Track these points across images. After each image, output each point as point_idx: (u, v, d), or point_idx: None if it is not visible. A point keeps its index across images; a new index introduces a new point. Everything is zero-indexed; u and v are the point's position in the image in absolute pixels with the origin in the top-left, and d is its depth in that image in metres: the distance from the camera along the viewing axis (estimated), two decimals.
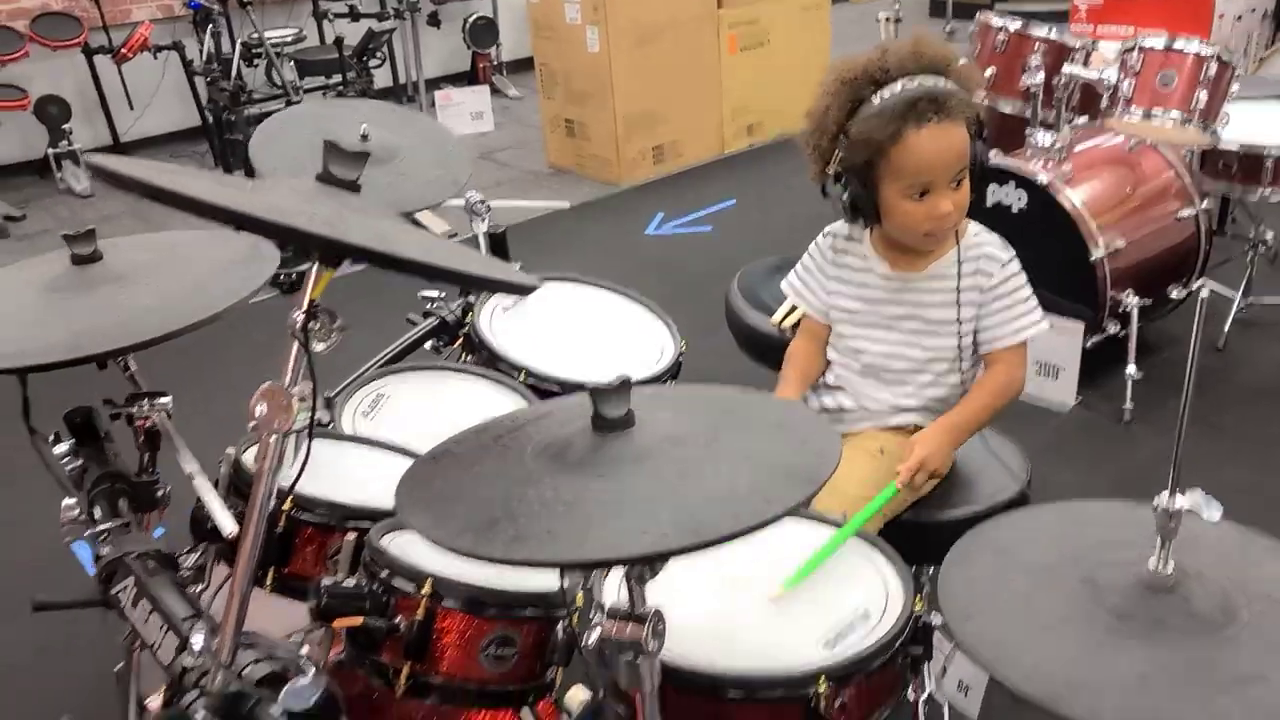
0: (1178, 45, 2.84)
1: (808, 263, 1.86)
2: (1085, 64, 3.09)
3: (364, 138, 2.01)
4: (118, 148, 5.82)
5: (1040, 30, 3.15)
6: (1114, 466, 2.82)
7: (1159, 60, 2.86)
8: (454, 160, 2.09)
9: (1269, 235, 3.38)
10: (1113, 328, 3.02)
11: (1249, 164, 3.11)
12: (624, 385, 0.96)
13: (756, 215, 4.68)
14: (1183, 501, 1.01)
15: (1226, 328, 3.30)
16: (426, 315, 2.33)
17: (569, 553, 0.81)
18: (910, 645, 1.33)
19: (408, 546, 1.24)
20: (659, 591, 1.38)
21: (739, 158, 5.65)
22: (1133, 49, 2.92)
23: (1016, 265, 1.72)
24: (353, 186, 1.00)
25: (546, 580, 1.29)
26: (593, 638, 1.03)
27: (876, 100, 1.61)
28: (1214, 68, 2.80)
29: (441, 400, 1.91)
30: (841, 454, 0.95)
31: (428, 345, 2.34)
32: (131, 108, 5.82)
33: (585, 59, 5.13)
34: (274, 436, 0.97)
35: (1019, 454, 1.89)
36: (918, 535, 1.68)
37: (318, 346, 0.95)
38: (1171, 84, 2.83)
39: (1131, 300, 2.98)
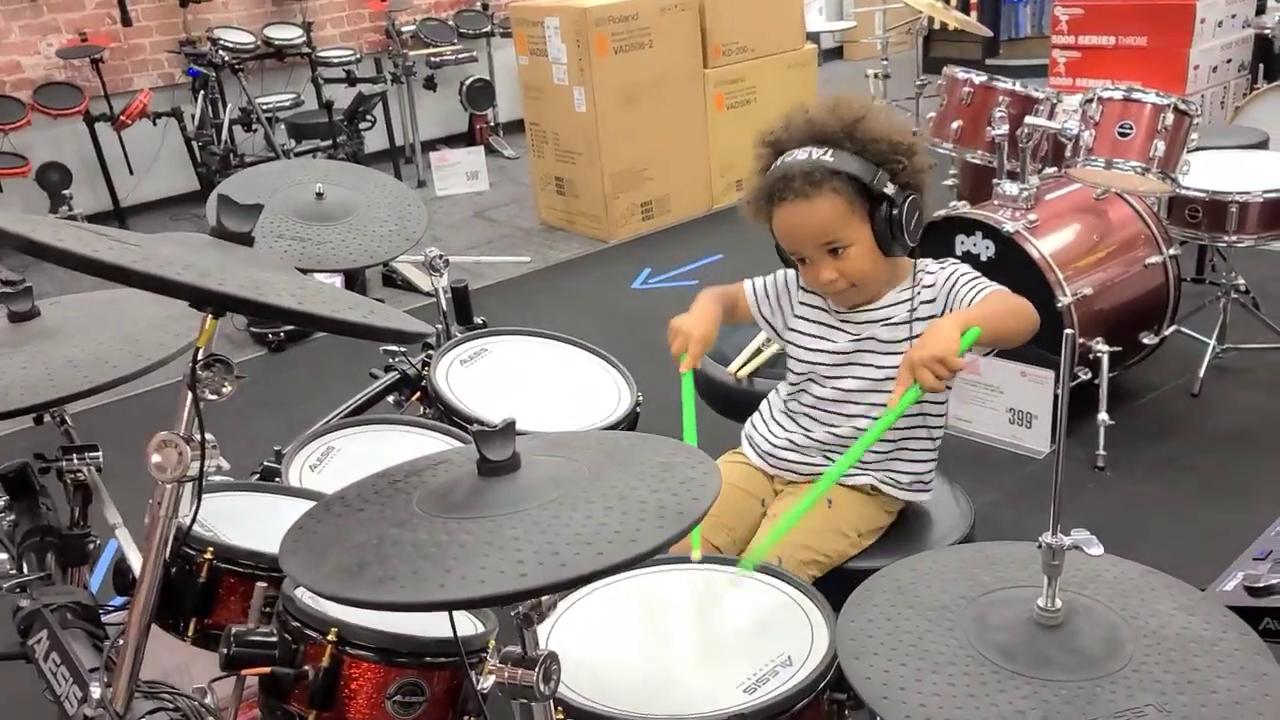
0: (1135, 95, 2.88)
1: (778, 275, 1.91)
2: (1050, 116, 3.13)
3: (319, 195, 2.06)
4: (118, 212, 5.93)
5: (1005, 83, 3.20)
6: (1087, 512, 2.80)
7: (1117, 110, 2.90)
8: (410, 217, 2.14)
9: (1240, 281, 3.39)
10: (1084, 375, 3.02)
11: (1215, 211, 3.14)
12: (508, 428, 0.98)
13: (741, 269, 4.69)
14: (1065, 540, 1.02)
15: (1201, 373, 3.29)
16: (388, 369, 2.37)
17: (429, 594, 0.82)
18: (834, 691, 1.33)
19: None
20: (583, 642, 1.40)
21: (728, 213, 5.69)
22: (1092, 99, 2.96)
23: (953, 262, 1.77)
24: (245, 239, 1.04)
25: (466, 627, 1.30)
26: (488, 683, 1.04)
27: (771, 169, 1.70)
28: (1171, 117, 2.84)
29: (389, 454, 1.91)
30: (719, 492, 0.96)
31: (390, 399, 2.37)
32: (131, 173, 5.94)
33: (573, 119, 5.23)
34: (169, 485, 0.99)
35: (964, 499, 1.89)
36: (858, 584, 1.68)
37: (210, 396, 0.98)
38: (1130, 134, 2.87)
39: (1101, 347, 2.98)
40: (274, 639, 1.14)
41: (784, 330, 1.89)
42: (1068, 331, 1.06)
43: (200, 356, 0.97)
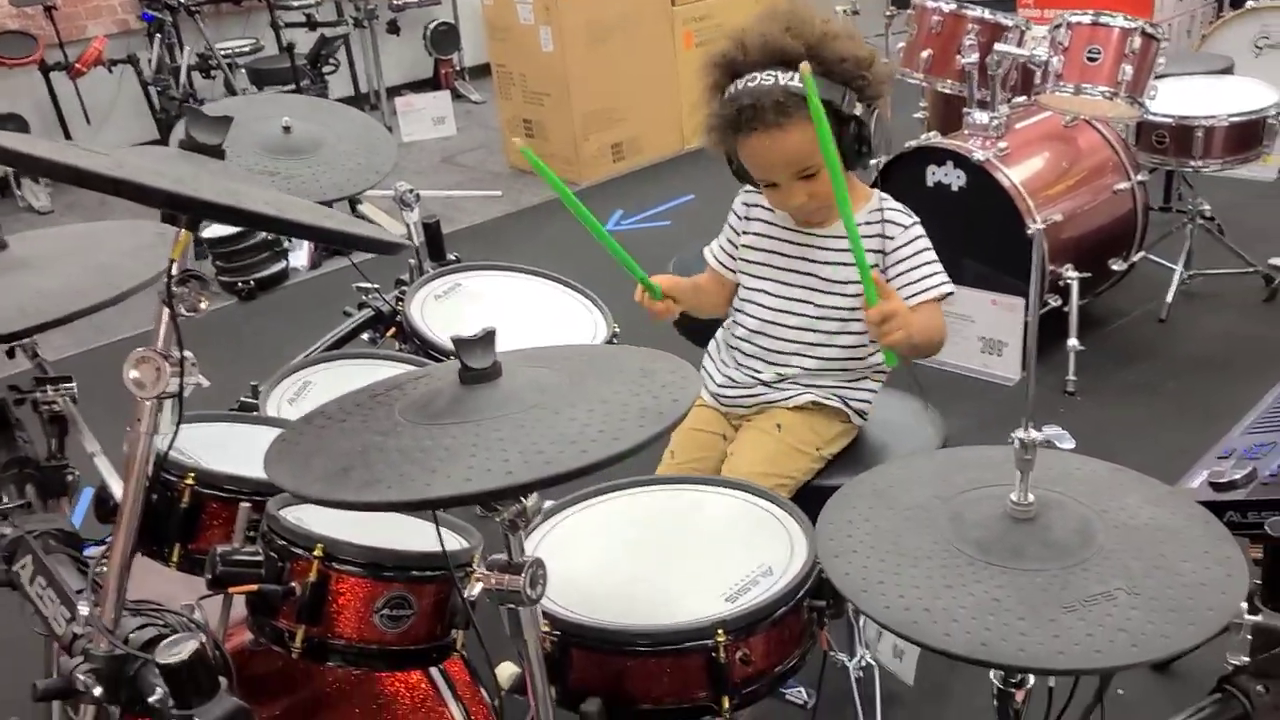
0: (1103, 20, 2.89)
1: (725, 227, 1.91)
2: (1020, 43, 3.13)
3: (286, 130, 2.03)
4: None
5: (974, 10, 3.19)
6: None
7: (1086, 35, 2.91)
8: (379, 151, 2.12)
9: (1206, 207, 3.42)
10: (1054, 302, 3.06)
11: (1181, 136, 3.16)
12: (488, 336, 0.99)
13: (715, 209, 4.70)
14: (1037, 434, 1.04)
15: (1169, 299, 3.34)
16: (362, 307, 2.36)
17: (416, 493, 0.83)
18: (814, 599, 1.36)
19: (306, 515, 1.26)
20: (568, 559, 1.42)
21: (700, 153, 5.62)
22: (1060, 25, 2.96)
23: (920, 230, 1.75)
24: (216, 151, 1.02)
25: (451, 543, 1.32)
26: (475, 590, 1.06)
27: (726, 94, 1.65)
28: (1139, 41, 2.85)
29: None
30: (697, 393, 0.98)
31: (365, 336, 2.36)
32: (89, 122, 5.81)
33: (540, 59, 5.16)
34: (149, 401, 0.99)
35: (937, 417, 1.92)
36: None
37: (187, 313, 0.97)
38: (1098, 58, 2.87)
39: (1071, 274, 3.01)
40: (260, 557, 1.15)
41: (736, 256, 1.89)
42: (1036, 228, 1.07)
43: (175, 271, 0.96)
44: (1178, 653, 0.92)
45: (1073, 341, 3.03)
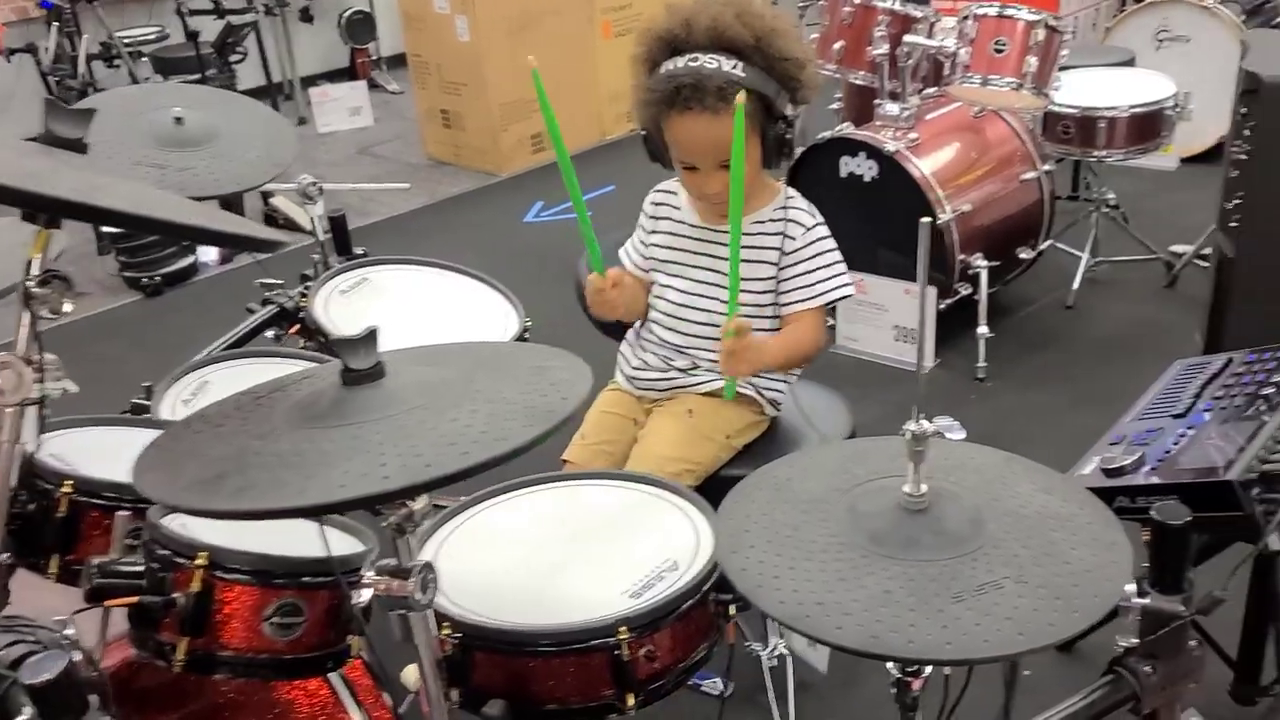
0: (1008, 12, 2.94)
1: (637, 228, 1.91)
2: (929, 34, 3.17)
3: (178, 121, 1.96)
4: None
5: (884, 2, 3.21)
6: (969, 421, 2.88)
7: (992, 28, 2.95)
8: (278, 142, 2.06)
9: (1110, 196, 3.51)
10: (964, 290, 3.10)
11: (1086, 126, 3.24)
12: (370, 336, 0.96)
13: (635, 199, 4.69)
14: (927, 425, 1.05)
15: (1075, 286, 3.42)
16: (265, 303, 2.29)
17: (289, 500, 0.80)
18: (719, 592, 1.36)
19: (194, 523, 1.22)
20: (471, 558, 1.40)
21: (620, 144, 5.63)
22: (967, 17, 3.01)
23: (823, 231, 1.76)
24: (77, 146, 0.98)
25: (345, 546, 1.28)
26: (364, 597, 1.03)
27: (664, 69, 1.64)
28: (1042, 33, 2.90)
29: None
30: (588, 391, 0.96)
31: (269, 334, 2.30)
32: None
33: (457, 48, 5.08)
34: (9, 409, 0.94)
35: (844, 408, 1.93)
36: None
37: (49, 315, 0.93)
38: (1004, 50, 2.92)
39: (980, 263, 3.06)
40: (140, 567, 1.10)
41: (645, 254, 1.89)
42: (924, 221, 1.07)
43: (36, 271, 0.91)
44: (1063, 639, 0.93)
45: (983, 329, 3.08)
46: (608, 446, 1.81)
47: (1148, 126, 3.24)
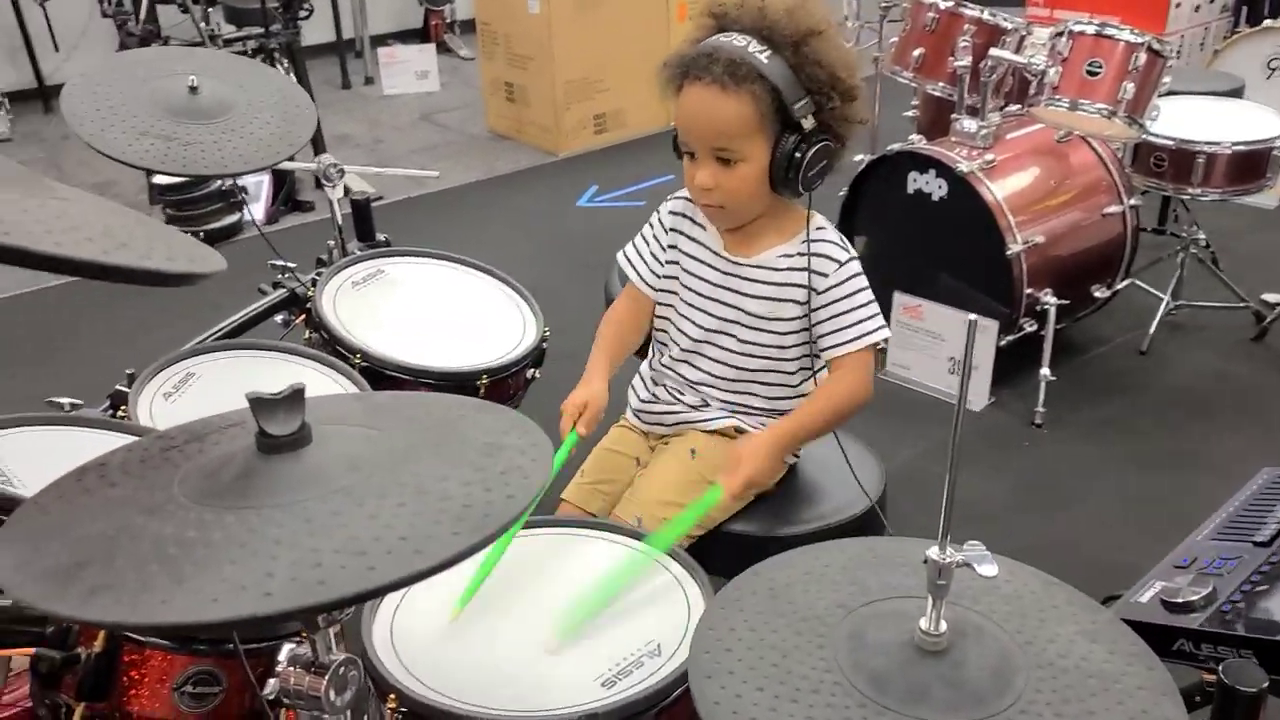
0: (1108, 31, 2.69)
1: (645, 231, 1.75)
2: (1018, 49, 2.93)
3: (193, 89, 1.83)
4: (42, 91, 5.57)
5: (972, 10, 2.99)
6: (1019, 471, 2.69)
7: (1088, 47, 2.70)
8: (297, 119, 1.92)
9: (1201, 236, 3.24)
10: (1030, 326, 2.88)
11: (1181, 161, 2.98)
12: (294, 396, 0.81)
13: None
14: (954, 556, 0.87)
15: (1152, 330, 3.16)
16: (277, 286, 2.17)
17: (148, 614, 0.65)
18: None
19: None
20: (432, 620, 1.25)
21: None
22: (1062, 33, 2.76)
23: (856, 267, 1.58)
24: None
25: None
26: (271, 690, 0.88)
27: (704, 43, 1.50)
28: (1143, 57, 2.65)
29: (254, 385, 1.75)
30: (541, 490, 0.80)
31: (278, 319, 2.18)
32: (57, 49, 5.56)
33: (526, 20, 4.92)
34: None
35: (876, 464, 1.75)
36: (745, 551, 1.54)
37: None
38: (1099, 73, 2.68)
39: (1049, 299, 2.84)
40: (33, 614, 0.97)
41: (655, 271, 1.72)
42: (970, 318, 0.89)
43: None
44: None
45: (1045, 371, 2.86)
46: (605, 487, 1.67)
47: (1250, 166, 2.97)
